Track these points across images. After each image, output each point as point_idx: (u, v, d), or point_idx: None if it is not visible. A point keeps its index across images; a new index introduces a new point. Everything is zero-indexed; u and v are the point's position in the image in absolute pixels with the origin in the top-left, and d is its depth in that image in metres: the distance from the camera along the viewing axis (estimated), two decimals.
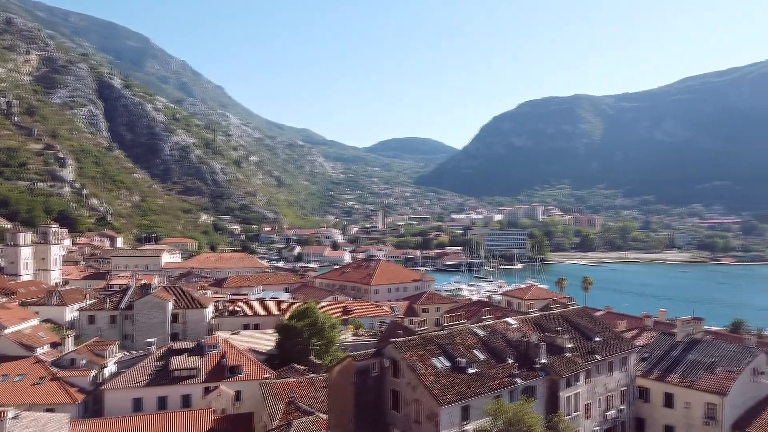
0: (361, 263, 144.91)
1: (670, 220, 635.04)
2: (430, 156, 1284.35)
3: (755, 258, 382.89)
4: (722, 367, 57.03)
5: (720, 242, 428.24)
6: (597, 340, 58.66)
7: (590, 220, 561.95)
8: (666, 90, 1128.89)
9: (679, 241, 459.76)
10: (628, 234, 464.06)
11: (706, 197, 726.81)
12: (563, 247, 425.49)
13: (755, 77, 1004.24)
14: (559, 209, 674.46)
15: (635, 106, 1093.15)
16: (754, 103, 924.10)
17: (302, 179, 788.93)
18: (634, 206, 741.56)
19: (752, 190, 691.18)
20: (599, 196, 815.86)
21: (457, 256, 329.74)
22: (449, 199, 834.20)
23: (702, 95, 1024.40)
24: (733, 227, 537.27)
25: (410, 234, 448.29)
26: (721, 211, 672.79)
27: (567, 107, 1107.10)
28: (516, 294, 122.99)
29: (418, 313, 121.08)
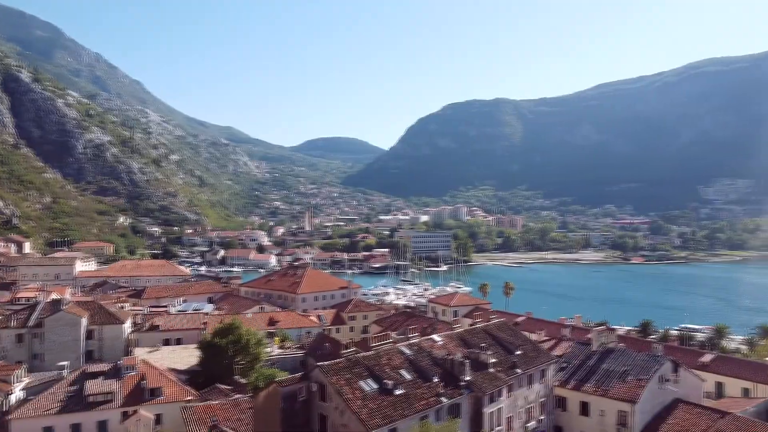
0: (288, 271, 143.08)
1: (586, 220, 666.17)
2: (357, 156, 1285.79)
3: (661, 257, 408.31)
4: (633, 376, 60.33)
5: (630, 242, 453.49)
6: (518, 353, 60.63)
7: (512, 221, 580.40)
8: (581, 96, 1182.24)
9: (594, 241, 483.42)
10: (547, 235, 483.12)
11: (618, 198, 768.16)
12: (486, 248, 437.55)
13: (660, 86, 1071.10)
14: (483, 210, 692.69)
15: (553, 110, 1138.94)
16: (659, 110, 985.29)
17: (226, 179, 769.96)
18: (553, 207, 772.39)
19: (659, 192, 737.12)
20: (520, 197, 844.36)
21: (384, 259, 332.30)
22: (376, 200, 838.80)
23: (614, 101, 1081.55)
24: (642, 227, 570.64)
25: (338, 236, 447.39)
26: (631, 211, 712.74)
27: (489, 110, 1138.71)
28: (441, 301, 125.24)
29: (346, 321, 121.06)
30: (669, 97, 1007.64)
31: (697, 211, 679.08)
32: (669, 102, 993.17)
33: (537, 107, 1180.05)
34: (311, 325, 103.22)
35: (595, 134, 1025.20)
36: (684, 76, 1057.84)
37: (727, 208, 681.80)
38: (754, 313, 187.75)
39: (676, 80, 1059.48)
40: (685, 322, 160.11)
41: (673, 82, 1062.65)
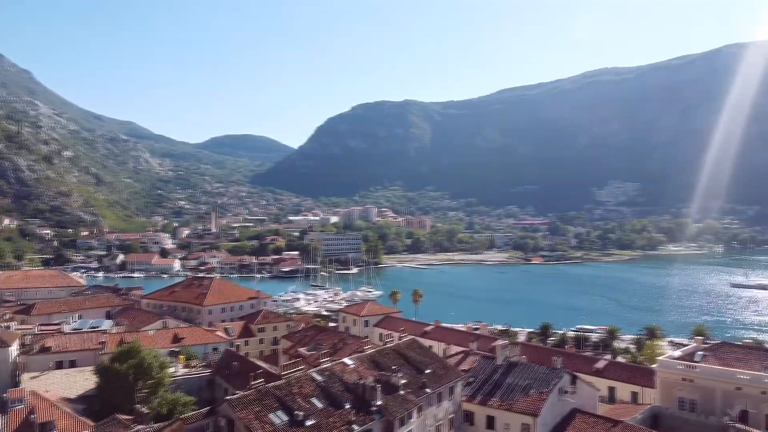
0: (193, 281, 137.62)
1: (491, 221, 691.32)
2: (266, 154, 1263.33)
3: (559, 257, 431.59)
4: (535, 389, 62.99)
5: (531, 243, 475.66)
6: (427, 372, 61.68)
7: (421, 222, 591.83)
8: (486, 100, 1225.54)
9: (498, 242, 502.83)
10: (455, 236, 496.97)
11: (521, 199, 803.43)
12: (396, 250, 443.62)
13: (558, 93, 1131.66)
14: (392, 211, 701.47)
15: (460, 113, 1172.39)
16: (557, 116, 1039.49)
17: (125, 177, 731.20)
18: (460, 208, 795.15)
19: (557, 193, 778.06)
20: (429, 197, 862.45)
21: (294, 262, 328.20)
22: (286, 200, 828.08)
23: (516, 106, 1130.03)
24: (542, 228, 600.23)
25: (246, 237, 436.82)
26: (532, 212, 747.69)
27: (399, 111, 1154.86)
28: (352, 311, 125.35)
29: (255, 333, 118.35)
30: (566, 104, 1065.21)
31: (591, 212, 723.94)
32: (566, 108, 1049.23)
33: (445, 110, 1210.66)
34: (218, 341, 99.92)
35: (499, 137, 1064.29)
36: (580, 84, 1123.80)
37: (617, 209, 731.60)
38: (643, 313, 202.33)
39: (573, 88, 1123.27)
40: (580, 322, 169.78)
41: (570, 89, 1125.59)
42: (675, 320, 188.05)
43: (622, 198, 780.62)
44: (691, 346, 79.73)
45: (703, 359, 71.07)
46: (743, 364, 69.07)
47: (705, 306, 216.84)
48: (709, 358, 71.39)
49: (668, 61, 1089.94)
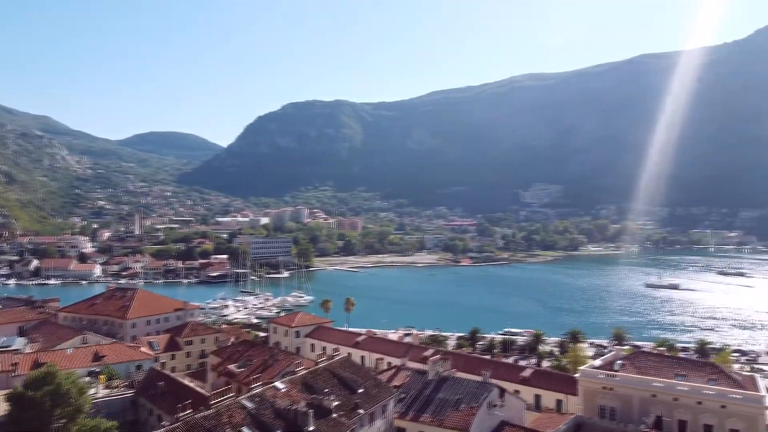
0: (115, 293, 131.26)
1: (421, 221, 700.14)
2: (193, 153, 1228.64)
3: (487, 258, 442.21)
4: (465, 404, 64.22)
5: (460, 244, 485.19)
6: (360, 391, 61.55)
7: (352, 223, 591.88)
8: (416, 102, 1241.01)
9: (428, 244, 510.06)
10: (386, 238, 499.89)
11: (450, 201, 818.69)
12: (328, 252, 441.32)
13: (485, 96, 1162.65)
14: (324, 212, 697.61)
15: (391, 114, 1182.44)
16: (485, 119, 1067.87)
17: (40, 175, 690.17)
18: (391, 208, 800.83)
19: (485, 195, 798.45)
20: (360, 198, 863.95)
21: (223, 267, 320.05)
22: (214, 200, 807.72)
23: (446, 108, 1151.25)
24: (470, 229, 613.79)
25: (171, 240, 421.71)
26: (461, 213, 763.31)
27: (330, 111, 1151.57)
28: (283, 321, 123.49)
29: (182, 346, 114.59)
30: (493, 107, 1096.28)
31: (516, 213, 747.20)
32: (493, 111, 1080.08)
33: (376, 110, 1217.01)
34: (142, 358, 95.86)
35: (429, 139, 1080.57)
36: (506, 89, 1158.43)
37: (541, 210, 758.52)
38: (566, 314, 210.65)
39: (500, 92, 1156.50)
40: (508, 325, 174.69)
41: (496, 93, 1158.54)
42: (596, 322, 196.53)
43: (546, 200, 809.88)
44: (611, 354, 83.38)
45: (622, 368, 74.50)
46: (657, 371, 72.96)
47: (623, 307, 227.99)
48: (627, 367, 74.93)
49: (588, 68, 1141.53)
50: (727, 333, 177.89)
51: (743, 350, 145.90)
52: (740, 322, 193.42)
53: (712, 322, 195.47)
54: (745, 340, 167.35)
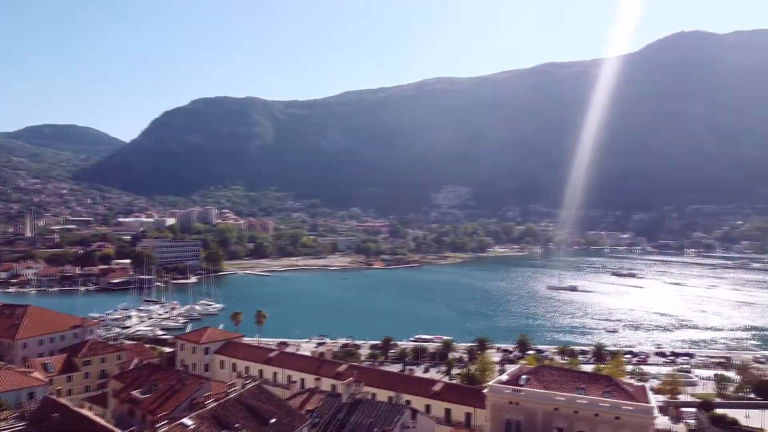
0: (3, 310, 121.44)
1: (334, 222, 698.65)
2: (92, 147, 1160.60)
3: (399, 261, 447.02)
4: (378, 427, 64.62)
5: (373, 246, 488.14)
6: (273, 422, 60.45)
7: (263, 224, 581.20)
8: (329, 101, 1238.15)
9: (341, 246, 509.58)
10: (299, 240, 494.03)
11: (363, 201, 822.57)
12: (238, 255, 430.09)
13: (398, 98, 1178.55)
14: (234, 212, 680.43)
15: (303, 113, 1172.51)
16: (397, 120, 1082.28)
17: None
18: (303, 209, 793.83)
19: (397, 196, 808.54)
20: (272, 198, 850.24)
21: (125, 273, 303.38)
22: (115, 198, 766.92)
23: (359, 109, 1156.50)
24: (383, 230, 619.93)
25: (68, 243, 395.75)
26: (374, 214, 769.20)
27: (241, 108, 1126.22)
28: (190, 338, 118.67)
29: (79, 367, 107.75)
30: (406, 109, 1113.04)
31: (428, 215, 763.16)
32: (406, 113, 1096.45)
33: (288, 109, 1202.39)
34: (35, 384, 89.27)
35: (342, 139, 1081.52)
36: (418, 91, 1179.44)
37: (451, 212, 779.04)
38: (475, 318, 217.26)
39: (412, 94, 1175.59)
40: (419, 331, 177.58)
41: (409, 95, 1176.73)
42: (503, 325, 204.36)
43: (456, 201, 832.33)
44: (516, 368, 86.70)
45: (527, 383, 77.83)
46: (560, 385, 76.79)
47: (527, 310, 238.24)
48: (532, 382, 78.29)
49: (496, 74, 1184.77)
50: (621, 334, 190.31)
51: (634, 352, 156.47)
52: (632, 323, 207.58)
53: (607, 323, 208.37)
54: (637, 340, 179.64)
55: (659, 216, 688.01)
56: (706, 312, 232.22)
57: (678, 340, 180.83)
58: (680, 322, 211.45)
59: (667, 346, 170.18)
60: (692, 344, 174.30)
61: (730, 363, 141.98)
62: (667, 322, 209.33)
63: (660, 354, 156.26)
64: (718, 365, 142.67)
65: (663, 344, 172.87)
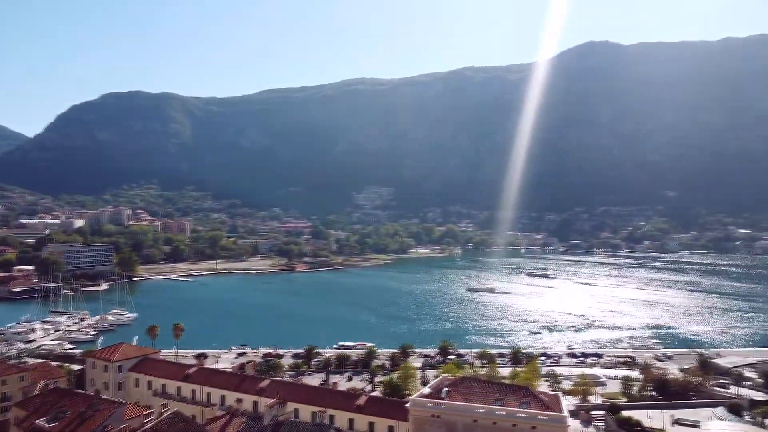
0: None
1: (255, 223, 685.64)
2: None
3: (322, 263, 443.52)
4: None
5: (295, 249, 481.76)
6: None
7: (180, 225, 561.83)
8: (250, 99, 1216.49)
9: (263, 248, 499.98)
10: (218, 242, 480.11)
11: (285, 202, 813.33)
12: (154, 259, 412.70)
13: (320, 98, 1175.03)
14: (148, 213, 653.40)
15: (223, 111, 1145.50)
16: (320, 120, 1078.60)
17: None
18: (223, 209, 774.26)
19: (320, 196, 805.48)
20: (189, 198, 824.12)
21: (29, 280, 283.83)
22: (17, 197, 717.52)
23: (281, 107, 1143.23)
24: (305, 231, 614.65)
25: None
26: (296, 215, 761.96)
27: (156, 104, 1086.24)
28: (102, 355, 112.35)
29: None
30: (328, 109, 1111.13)
31: (350, 215, 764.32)
32: (328, 113, 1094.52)
33: (207, 106, 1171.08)
34: None
35: (263, 138, 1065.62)
36: (341, 91, 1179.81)
37: (374, 213, 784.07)
38: (398, 323, 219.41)
39: (335, 94, 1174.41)
40: (342, 338, 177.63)
41: (331, 95, 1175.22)
42: (425, 329, 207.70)
43: (378, 202, 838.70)
44: (438, 380, 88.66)
45: (448, 395, 79.74)
46: (479, 397, 79.26)
47: (449, 313, 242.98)
48: (452, 394, 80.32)
49: (417, 77, 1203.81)
50: (536, 336, 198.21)
51: (548, 353, 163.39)
52: (546, 324, 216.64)
53: (523, 325, 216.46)
54: (551, 342, 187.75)
55: (570, 217, 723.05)
56: (613, 311, 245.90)
57: (588, 340, 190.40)
58: (590, 322, 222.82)
59: (578, 346, 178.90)
60: (601, 344, 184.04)
61: (635, 362, 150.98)
62: (578, 323, 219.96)
63: (571, 355, 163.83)
64: (623, 365, 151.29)
65: (574, 345, 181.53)
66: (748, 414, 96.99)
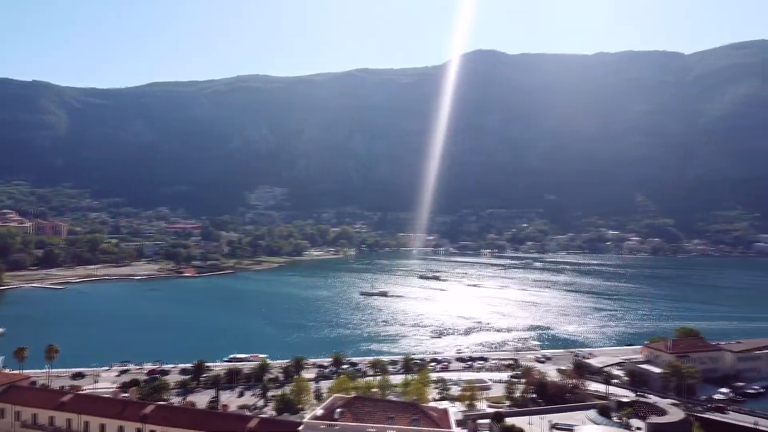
0: None
1: (139, 223, 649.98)
2: None
3: (213, 267, 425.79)
4: None
5: (183, 251, 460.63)
6: None
7: (55, 226, 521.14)
8: (134, 91, 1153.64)
9: (148, 251, 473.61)
10: (98, 245, 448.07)
11: (172, 200, 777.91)
12: (23, 265, 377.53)
13: (211, 93, 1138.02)
14: (17, 212, 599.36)
15: (104, 103, 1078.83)
16: (210, 116, 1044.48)
17: None
18: (103, 208, 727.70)
19: (210, 195, 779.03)
20: (65, 195, 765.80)
21: None
22: None
23: (168, 101, 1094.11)
24: (195, 232, 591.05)
25: None
26: (184, 214, 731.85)
27: (26, 93, 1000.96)
28: None
29: None
30: (219, 105, 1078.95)
31: (243, 216, 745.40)
32: (219, 109, 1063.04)
33: (85, 97, 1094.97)
34: None
35: (149, 132, 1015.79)
36: (233, 87, 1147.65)
37: (267, 213, 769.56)
38: (292, 331, 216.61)
39: (226, 90, 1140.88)
40: (234, 350, 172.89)
41: (223, 91, 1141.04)
42: (319, 337, 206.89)
43: (272, 202, 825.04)
44: (330, 400, 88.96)
45: (341, 416, 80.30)
46: (371, 416, 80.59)
47: (343, 319, 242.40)
48: (346, 414, 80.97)
49: (311, 76, 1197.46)
50: (428, 341, 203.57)
51: (438, 359, 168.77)
52: (437, 329, 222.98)
53: (415, 330, 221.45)
54: (441, 346, 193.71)
55: (459, 219, 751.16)
56: (499, 314, 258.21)
57: (476, 343, 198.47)
58: (478, 325, 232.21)
59: (467, 350, 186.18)
60: (487, 347, 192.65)
61: (518, 365, 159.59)
62: (467, 326, 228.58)
63: (460, 359, 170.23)
64: (507, 367, 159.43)
65: (463, 349, 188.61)
66: (616, 415, 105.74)
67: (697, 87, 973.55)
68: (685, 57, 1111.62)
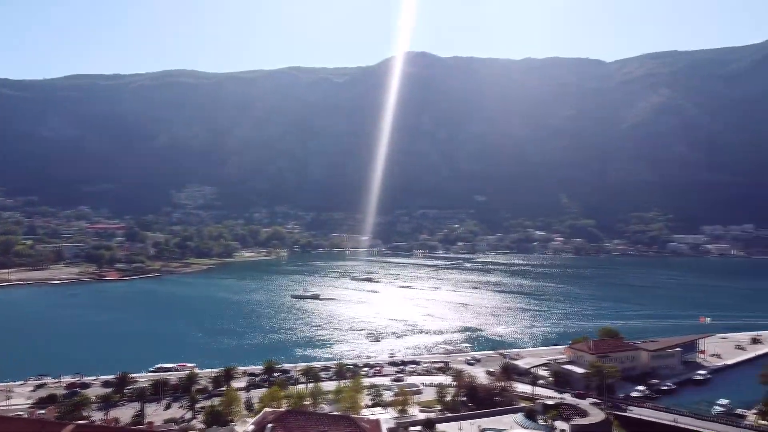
0: None
1: (58, 224, 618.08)
2: None
3: (137, 270, 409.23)
4: None
5: (106, 254, 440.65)
6: None
7: None
8: (52, 83, 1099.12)
9: (68, 253, 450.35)
10: (11, 248, 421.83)
11: (94, 199, 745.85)
12: None
13: (136, 87, 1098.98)
14: None
15: (18, 95, 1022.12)
16: (135, 111, 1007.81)
17: None
18: (17, 207, 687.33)
19: (135, 194, 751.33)
20: None
21: None
22: None
23: (90, 95, 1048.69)
24: (118, 233, 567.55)
25: None
26: (107, 214, 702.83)
27: None
28: None
29: None
30: (145, 100, 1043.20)
31: (170, 215, 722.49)
32: (145, 105, 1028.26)
33: None
34: None
35: (67, 128, 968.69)
36: (160, 82, 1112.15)
37: (196, 213, 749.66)
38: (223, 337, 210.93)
39: (153, 84, 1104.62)
40: (160, 360, 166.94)
41: (149, 85, 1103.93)
42: (251, 343, 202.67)
43: (201, 201, 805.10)
44: (261, 414, 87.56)
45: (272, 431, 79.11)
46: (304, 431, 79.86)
47: (275, 324, 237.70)
48: (277, 430, 79.85)
49: (242, 72, 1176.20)
50: (360, 345, 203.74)
51: (371, 364, 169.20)
52: (370, 332, 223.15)
53: (348, 334, 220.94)
54: (374, 351, 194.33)
55: (392, 219, 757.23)
56: (431, 315, 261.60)
57: (408, 346, 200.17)
58: (410, 327, 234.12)
59: (399, 354, 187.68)
60: (419, 350, 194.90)
61: (448, 367, 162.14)
62: (400, 329, 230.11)
63: (392, 363, 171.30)
64: (439, 370, 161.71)
65: (396, 352, 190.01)
66: (542, 418, 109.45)
67: (617, 93, 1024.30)
68: (606, 65, 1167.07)
